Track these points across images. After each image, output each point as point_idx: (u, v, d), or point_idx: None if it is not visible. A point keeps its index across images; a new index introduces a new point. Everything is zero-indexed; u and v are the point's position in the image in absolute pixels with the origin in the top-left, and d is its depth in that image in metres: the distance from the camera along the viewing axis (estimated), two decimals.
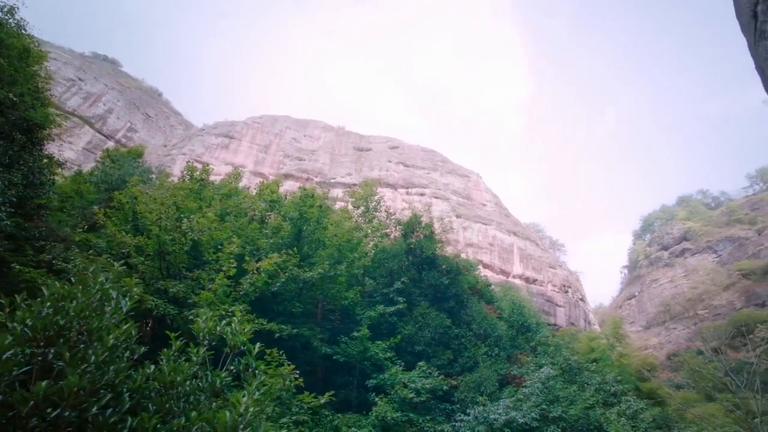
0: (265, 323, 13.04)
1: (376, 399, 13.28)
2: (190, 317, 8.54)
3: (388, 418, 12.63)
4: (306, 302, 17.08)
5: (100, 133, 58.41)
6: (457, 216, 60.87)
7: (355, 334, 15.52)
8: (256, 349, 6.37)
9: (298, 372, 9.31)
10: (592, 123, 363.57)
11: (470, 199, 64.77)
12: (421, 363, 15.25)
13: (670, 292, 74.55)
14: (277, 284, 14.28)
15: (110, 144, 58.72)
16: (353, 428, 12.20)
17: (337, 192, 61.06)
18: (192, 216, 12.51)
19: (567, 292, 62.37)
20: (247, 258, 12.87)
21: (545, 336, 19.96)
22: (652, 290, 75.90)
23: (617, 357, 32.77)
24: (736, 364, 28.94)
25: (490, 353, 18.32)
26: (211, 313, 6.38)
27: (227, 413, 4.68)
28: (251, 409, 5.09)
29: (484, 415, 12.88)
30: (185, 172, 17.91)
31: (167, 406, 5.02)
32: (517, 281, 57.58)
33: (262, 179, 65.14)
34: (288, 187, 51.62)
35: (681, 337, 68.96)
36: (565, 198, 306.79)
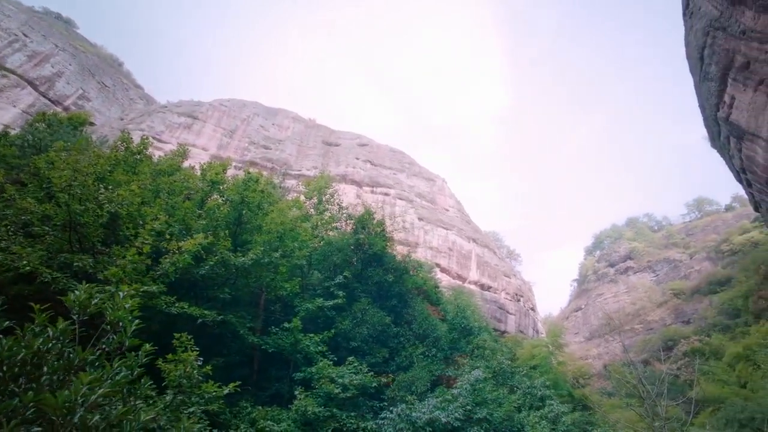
0: (186, 307, 12.27)
1: (296, 393, 12.82)
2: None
3: (309, 412, 12.21)
4: (242, 290, 16.32)
5: (44, 96, 53.81)
6: (420, 219, 61.37)
7: (286, 325, 14.99)
8: (133, 327, 5.79)
9: (202, 359, 8.71)
10: (564, 140, 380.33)
11: (434, 203, 65.49)
12: (351, 358, 14.95)
13: (612, 307, 79.05)
14: (205, 268, 13.49)
15: (58, 110, 54.33)
16: (270, 422, 11.67)
17: (299, 184, 59.84)
18: (110, 186, 11.52)
19: (519, 300, 64.44)
20: (167, 236, 12.00)
21: (484, 340, 20.28)
22: (596, 304, 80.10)
23: (556, 364, 34.11)
24: (650, 373, 30.92)
25: (427, 353, 18.35)
26: (88, 286, 5.72)
27: (64, 393, 4.16)
28: (99, 390, 4.56)
29: (407, 413, 12.77)
30: (119, 142, 16.63)
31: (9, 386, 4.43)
32: (473, 287, 58.78)
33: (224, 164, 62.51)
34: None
35: (618, 348, 73.22)
36: (529, 210, 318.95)
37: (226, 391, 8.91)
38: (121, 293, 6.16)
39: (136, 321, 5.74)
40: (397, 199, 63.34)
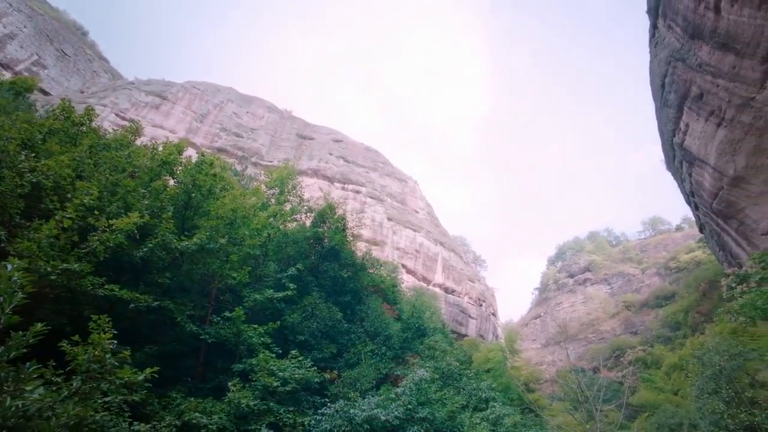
0: (116, 290, 11.44)
1: (230, 384, 12.26)
2: None
3: (243, 405, 11.69)
4: (187, 276, 15.51)
5: None
6: (389, 219, 61.40)
7: (228, 314, 14.36)
8: (14, 302, 5.20)
9: (116, 342, 8.06)
10: (538, 152, 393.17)
11: (405, 204, 65.72)
12: (294, 352, 14.51)
13: (569, 316, 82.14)
14: (144, 250, 12.67)
15: (7, 76, 50.28)
16: (199, 414, 11.06)
17: (262, 173, 58.51)
18: (36, 155, 10.56)
19: (481, 305, 65.70)
20: (97, 213, 11.13)
21: (435, 341, 20.36)
22: (554, 312, 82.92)
23: (509, 369, 34.89)
24: (593, 380, 32.39)
25: (377, 351, 18.17)
26: None
27: None
28: None
29: (345, 410, 12.50)
30: (59, 111, 15.38)
31: None
32: (437, 290, 59.39)
33: (194, 150, 60.33)
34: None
35: (572, 355, 76.20)
36: (499, 217, 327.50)
37: (141, 377, 8.27)
38: (8, 266, 5.54)
39: (20, 296, 5.17)
40: (368, 197, 63.11)
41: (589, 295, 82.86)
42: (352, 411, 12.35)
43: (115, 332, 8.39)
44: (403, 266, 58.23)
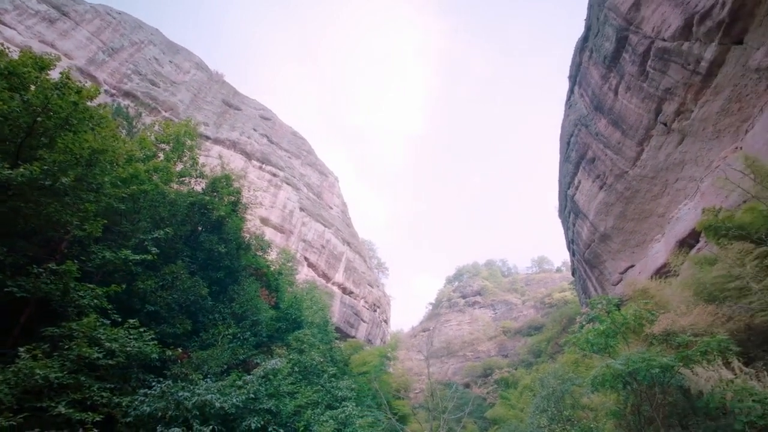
0: None
1: (20, 351, 10.16)
2: None
3: (38, 377, 9.70)
4: (16, 218, 12.71)
5: None
6: (301, 209, 59.63)
7: (53, 266, 12.03)
8: None
9: None
10: (460, 178, 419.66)
11: (321, 197, 64.51)
12: (133, 321, 12.69)
13: (454, 333, 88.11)
14: None
15: None
16: None
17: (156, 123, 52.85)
18: None
19: (375, 311, 66.95)
20: None
21: (305, 334, 19.77)
22: (442, 328, 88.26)
23: (384, 375, 35.71)
24: (461, 394, 34.98)
25: (240, 335, 16.93)
26: None
27: None
28: None
29: (174, 391, 11.20)
30: None
31: None
32: (335, 288, 59.03)
33: (92, 83, 52.18)
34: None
35: (450, 370, 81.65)
36: (412, 230, 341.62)
37: None
38: None
39: None
40: (285, 182, 60.63)
41: (476, 317, 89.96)
42: (181, 394, 11.06)
43: None
44: (306, 259, 56.90)
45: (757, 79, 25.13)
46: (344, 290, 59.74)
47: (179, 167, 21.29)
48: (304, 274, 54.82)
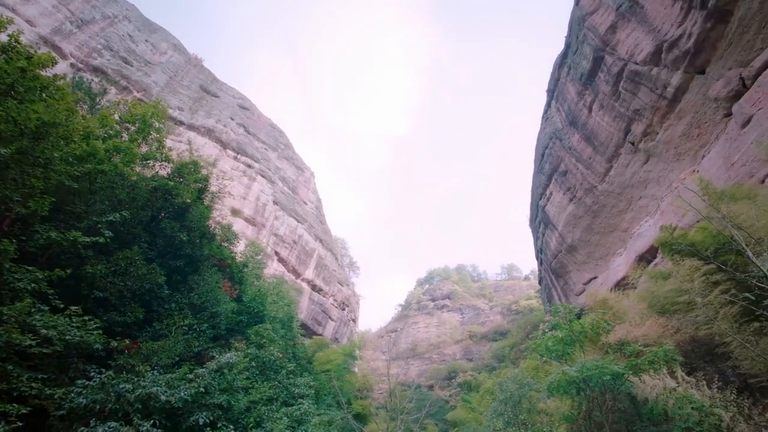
0: None
1: None
2: None
3: None
4: None
5: None
6: (275, 202, 58.48)
7: None
8: None
9: None
10: (439, 181, 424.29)
11: (295, 192, 63.47)
12: (75, 308, 11.88)
13: (421, 335, 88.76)
14: None
15: None
16: None
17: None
18: None
19: (344, 310, 66.47)
20: None
21: (266, 328, 19.25)
22: (410, 330, 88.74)
23: (347, 374, 35.41)
24: (424, 395, 35.31)
25: (196, 327, 16.23)
26: None
27: None
28: None
29: (114, 383, 10.55)
30: None
31: None
32: (305, 285, 58.19)
33: (55, 55, 49.13)
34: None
35: (415, 372, 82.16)
36: (386, 232, 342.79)
37: None
38: None
39: None
40: (259, 174, 59.27)
41: (444, 320, 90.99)
42: (123, 386, 10.41)
43: None
44: (277, 254, 55.83)
45: (716, 108, 26.64)
46: (314, 287, 58.99)
47: (144, 149, 20.27)
48: (273, 268, 53.74)
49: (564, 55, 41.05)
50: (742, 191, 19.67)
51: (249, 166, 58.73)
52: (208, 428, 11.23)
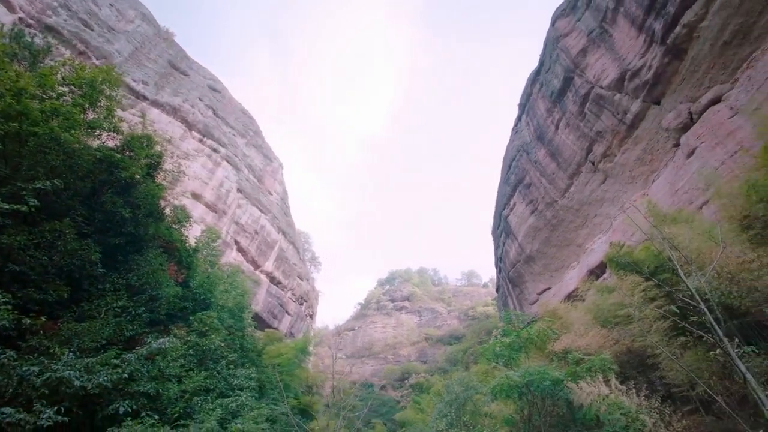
0: None
1: None
2: None
3: None
4: None
5: None
6: (239, 190, 56.51)
7: None
8: None
9: None
10: (411, 185, 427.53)
11: (262, 181, 61.63)
12: None
13: (378, 335, 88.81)
14: None
15: None
16: None
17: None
18: None
19: (302, 305, 65.25)
20: None
21: (209, 316, 18.30)
22: (367, 329, 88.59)
23: (298, 369, 34.64)
24: (377, 395, 35.20)
25: (132, 310, 15.10)
26: None
27: None
28: None
29: (16, 364, 9.47)
30: None
31: None
32: (263, 277, 56.58)
33: (6, 11, 45.11)
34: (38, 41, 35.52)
35: (369, 371, 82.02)
36: (352, 230, 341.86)
37: None
38: None
39: None
40: (225, 160, 57.03)
41: (401, 322, 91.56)
42: (28, 368, 9.37)
43: None
44: (236, 243, 53.96)
45: (667, 138, 28.36)
46: (272, 280, 57.48)
47: (90, 117, 18.70)
48: (232, 257, 51.87)
49: (537, 72, 42.44)
50: (683, 216, 20.97)
51: (215, 150, 56.38)
52: (129, 418, 10.37)
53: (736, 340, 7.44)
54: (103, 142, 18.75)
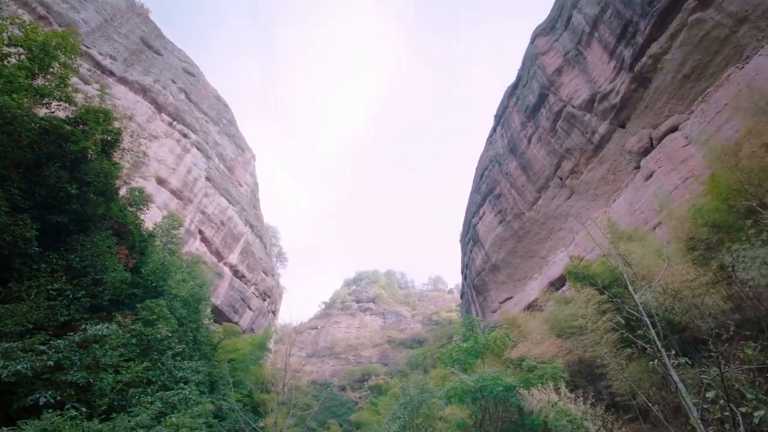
0: None
1: None
2: None
3: None
4: None
5: None
6: (207, 179, 54.44)
7: None
8: None
9: None
10: (388, 185, 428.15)
11: (232, 172, 59.72)
12: None
13: (341, 335, 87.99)
14: None
15: None
16: None
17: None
18: None
19: (265, 300, 63.58)
20: None
21: (158, 305, 17.26)
22: (330, 328, 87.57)
23: (254, 366, 33.57)
24: (335, 395, 34.71)
25: (70, 294, 13.96)
26: None
27: None
28: None
29: None
30: None
31: None
32: (226, 269, 54.71)
33: None
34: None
35: (329, 371, 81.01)
36: (323, 228, 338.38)
37: None
38: None
39: None
40: (195, 147, 54.81)
41: (365, 323, 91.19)
42: None
43: None
44: (201, 232, 51.89)
45: (629, 160, 29.74)
46: (236, 273, 55.69)
47: (39, 83, 17.22)
48: (195, 247, 49.81)
49: (515, 86, 43.52)
50: (638, 234, 21.94)
51: (185, 135, 54.08)
52: (51, 409, 9.47)
53: (673, 352, 7.72)
54: (53, 112, 17.36)
